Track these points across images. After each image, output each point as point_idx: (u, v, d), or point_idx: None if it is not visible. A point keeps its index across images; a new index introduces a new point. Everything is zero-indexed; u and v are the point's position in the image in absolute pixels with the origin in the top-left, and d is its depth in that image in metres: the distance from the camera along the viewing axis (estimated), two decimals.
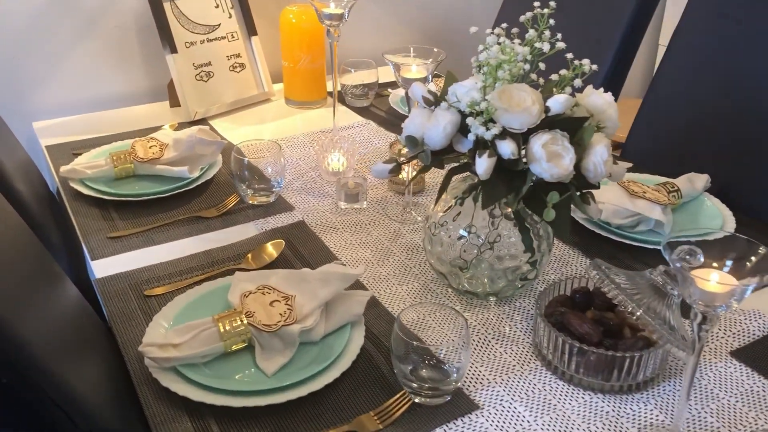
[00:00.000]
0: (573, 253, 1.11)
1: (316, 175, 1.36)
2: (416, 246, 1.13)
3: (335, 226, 1.18)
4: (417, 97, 0.95)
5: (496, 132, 0.82)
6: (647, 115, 1.47)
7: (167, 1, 1.54)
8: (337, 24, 1.30)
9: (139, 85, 1.70)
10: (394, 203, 1.26)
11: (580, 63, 0.89)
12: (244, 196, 1.24)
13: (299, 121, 1.62)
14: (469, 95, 0.87)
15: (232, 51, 1.65)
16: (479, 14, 2.14)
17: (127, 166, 1.28)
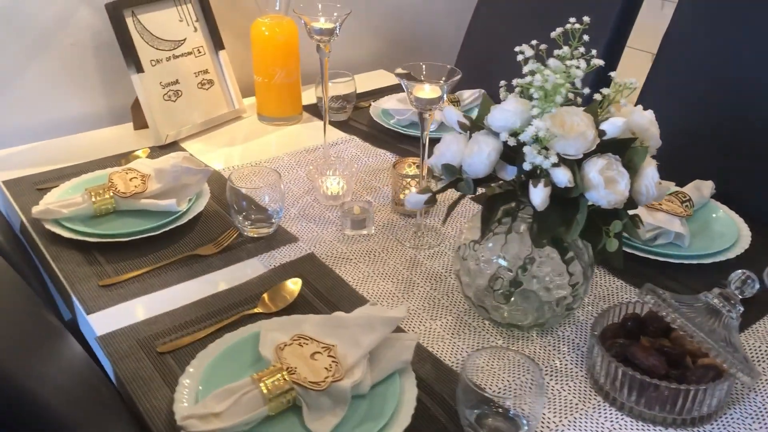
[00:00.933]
0: (599, 272, 1.08)
1: (312, 199, 1.28)
2: (438, 274, 1.07)
3: (347, 257, 1.11)
4: (451, 122, 0.89)
5: (555, 160, 0.77)
6: None
7: (129, 16, 1.42)
8: (327, 39, 1.23)
9: (99, 107, 1.56)
10: (402, 227, 1.19)
11: (623, 81, 0.85)
12: (243, 229, 1.15)
13: (276, 139, 1.53)
14: (514, 121, 0.82)
15: (200, 67, 1.54)
16: (446, 23, 2.10)
17: (106, 202, 1.16)
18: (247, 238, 1.15)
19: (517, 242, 0.90)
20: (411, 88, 1.04)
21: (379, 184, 1.34)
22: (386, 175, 1.36)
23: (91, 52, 1.51)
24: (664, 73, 1.43)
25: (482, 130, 0.87)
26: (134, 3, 1.42)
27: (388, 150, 1.46)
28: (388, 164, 1.41)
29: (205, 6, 1.54)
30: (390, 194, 1.29)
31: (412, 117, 1.53)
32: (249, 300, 1.00)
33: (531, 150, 0.77)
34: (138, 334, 0.93)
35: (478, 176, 0.84)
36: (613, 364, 0.82)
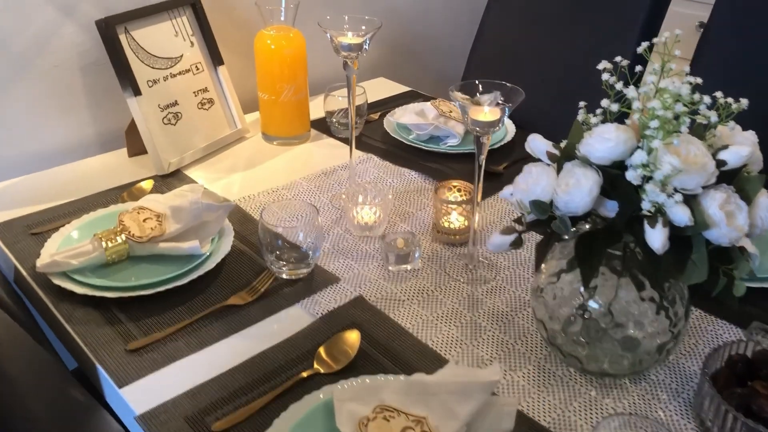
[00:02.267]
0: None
1: (343, 230, 1.16)
2: (503, 314, 0.97)
3: (398, 297, 1.00)
4: (539, 152, 0.79)
5: (680, 198, 0.68)
6: None
7: (122, 33, 1.28)
8: (355, 55, 1.11)
9: (88, 133, 1.41)
10: (449, 258, 1.09)
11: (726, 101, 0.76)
12: (277, 271, 1.03)
13: (286, 161, 1.40)
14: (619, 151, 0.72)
15: (199, 85, 1.41)
16: (447, 25, 2.00)
17: (120, 249, 1.03)
18: (283, 280, 1.03)
19: (612, 282, 0.81)
20: (468, 109, 0.94)
21: (411, 208, 1.23)
22: (417, 198, 1.26)
23: (77, 73, 1.36)
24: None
25: (573, 160, 0.77)
26: (127, 18, 1.28)
27: (412, 169, 1.35)
28: (415, 185, 1.30)
29: (201, 18, 1.41)
30: (429, 220, 1.19)
31: (433, 131, 1.43)
32: (303, 357, 0.88)
33: (653, 188, 0.68)
34: (184, 410, 0.81)
35: (576, 214, 0.75)
36: (739, 420, 0.73)
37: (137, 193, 1.24)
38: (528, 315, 0.97)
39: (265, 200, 1.24)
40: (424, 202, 1.25)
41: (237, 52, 1.56)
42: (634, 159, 0.68)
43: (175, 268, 1.02)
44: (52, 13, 1.29)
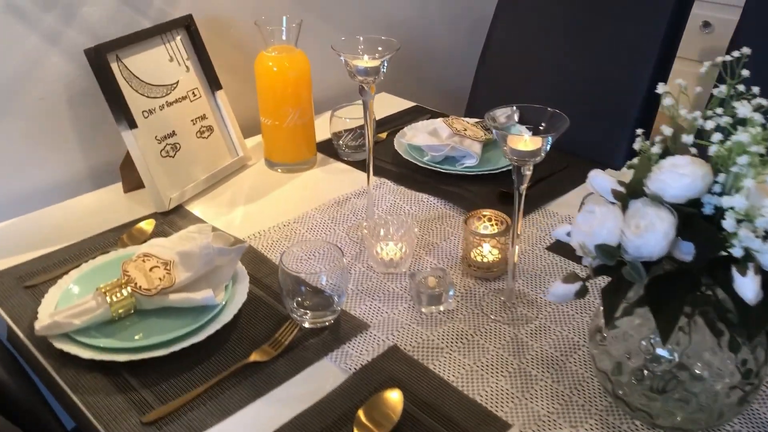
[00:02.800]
0: None
1: (365, 267, 1.08)
2: (553, 359, 0.89)
3: (435, 345, 0.92)
4: (603, 191, 0.71)
5: None
6: None
7: (114, 61, 1.18)
8: (372, 80, 1.03)
9: (78, 168, 1.31)
10: (484, 295, 1.01)
11: None
12: (301, 320, 0.94)
13: (293, 189, 1.31)
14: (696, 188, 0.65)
15: (196, 113, 1.31)
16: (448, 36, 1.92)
17: (126, 303, 0.93)
18: (307, 330, 0.94)
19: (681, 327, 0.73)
20: (505, 138, 0.86)
21: (435, 238, 1.15)
22: (440, 227, 1.17)
23: (65, 105, 1.26)
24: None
25: (641, 198, 0.69)
26: (118, 45, 1.18)
27: (429, 194, 1.27)
28: (435, 212, 1.22)
29: (196, 40, 1.31)
30: (455, 252, 1.10)
31: (449, 152, 1.34)
32: (340, 421, 0.80)
33: (748, 233, 0.60)
34: None
35: (650, 259, 0.67)
36: None
37: (138, 234, 1.14)
38: (581, 360, 0.89)
39: (276, 236, 1.15)
40: (448, 231, 1.16)
41: (233, 73, 1.47)
42: (728, 202, 0.60)
43: (188, 322, 0.93)
44: (36, 41, 1.19)
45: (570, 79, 1.49)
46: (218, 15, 1.42)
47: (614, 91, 1.42)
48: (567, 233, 0.75)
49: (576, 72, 1.48)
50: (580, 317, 0.96)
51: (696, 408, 0.74)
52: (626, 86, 1.40)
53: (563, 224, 1.15)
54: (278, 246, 1.13)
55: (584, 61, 1.47)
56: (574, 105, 1.48)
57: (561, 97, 1.50)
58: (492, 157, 1.37)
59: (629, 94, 1.40)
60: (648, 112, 1.40)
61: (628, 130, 1.42)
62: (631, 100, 1.40)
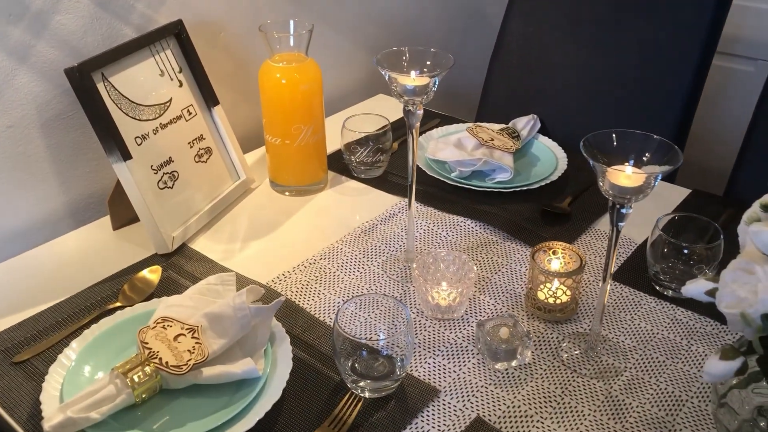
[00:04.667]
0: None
1: (415, 313, 0.94)
2: (657, 419, 0.78)
3: (523, 412, 0.79)
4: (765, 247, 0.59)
5: None
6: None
7: (100, 81, 1.00)
8: (420, 99, 0.88)
9: (55, 204, 1.12)
10: (557, 341, 0.89)
11: None
12: (357, 388, 0.80)
13: (308, 217, 1.16)
14: None
15: (193, 133, 1.14)
16: (446, 30, 1.78)
17: (151, 385, 0.77)
18: (368, 401, 0.80)
19: None
20: (604, 172, 0.73)
21: (486, 272, 1.02)
22: (486, 257, 1.04)
23: (37, 131, 1.07)
24: None
25: None
26: (103, 62, 1.00)
27: (465, 216, 1.13)
28: (477, 238, 1.09)
29: (189, 51, 1.13)
30: (511, 288, 0.98)
31: (481, 167, 1.21)
32: None
33: None
34: None
35: None
36: None
37: (142, 285, 0.98)
38: (691, 418, 0.78)
39: (304, 278, 1.00)
40: (497, 261, 1.04)
41: (226, 83, 1.30)
42: None
43: (226, 400, 0.78)
44: (1, 58, 1.00)
45: (597, 79, 1.37)
46: (207, 19, 1.24)
47: (648, 92, 1.31)
48: (706, 292, 0.63)
49: (604, 71, 1.36)
50: (673, 364, 0.85)
51: None
52: (662, 87, 1.29)
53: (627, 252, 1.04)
54: (308, 290, 0.98)
55: (612, 59, 1.35)
56: (604, 108, 1.38)
57: (587, 99, 1.38)
58: (522, 169, 1.25)
59: (666, 97, 1.29)
60: (687, 115, 1.29)
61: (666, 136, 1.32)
62: (668, 103, 1.29)
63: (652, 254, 0.96)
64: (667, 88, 1.28)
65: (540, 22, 1.43)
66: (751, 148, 1.17)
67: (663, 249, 0.95)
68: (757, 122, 1.22)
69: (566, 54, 1.40)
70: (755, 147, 1.21)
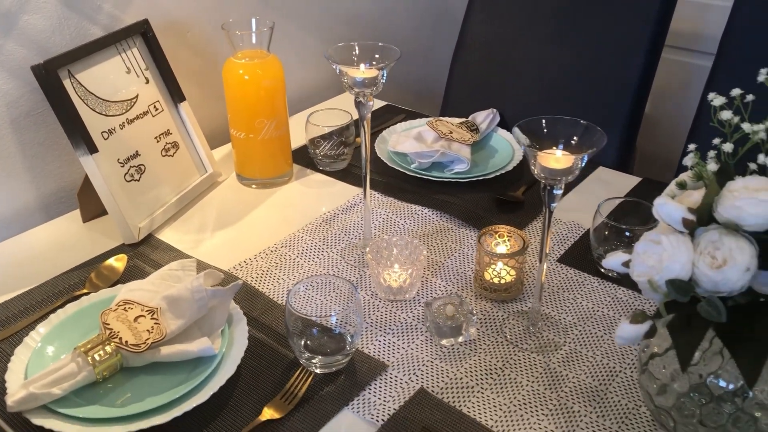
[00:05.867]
0: None
1: (369, 295, 0.99)
2: (592, 390, 0.82)
3: (465, 384, 0.84)
4: (673, 221, 0.64)
5: None
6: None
7: (66, 77, 1.04)
8: (370, 91, 0.93)
9: (26, 199, 1.16)
10: (504, 319, 0.93)
11: None
12: (309, 365, 0.85)
13: (274, 208, 1.20)
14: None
15: (160, 128, 1.18)
16: (414, 29, 1.83)
17: (112, 363, 0.82)
18: (321, 377, 0.85)
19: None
20: (535, 155, 0.78)
21: (439, 256, 1.06)
22: (441, 242, 1.09)
23: (7, 129, 1.11)
24: (726, 79, 1.25)
25: (713, 226, 0.63)
26: (69, 59, 1.04)
27: (423, 205, 1.18)
28: (432, 226, 1.13)
29: (155, 49, 1.18)
30: (462, 271, 1.03)
31: (439, 158, 1.26)
32: None
33: None
34: None
35: (731, 294, 0.61)
36: None
37: (108, 273, 1.02)
38: (622, 388, 0.83)
39: (265, 265, 1.04)
40: (451, 246, 1.08)
41: (194, 80, 1.34)
42: None
43: (184, 377, 0.82)
44: None
45: (553, 73, 1.42)
46: (174, 18, 1.29)
47: (601, 84, 1.36)
48: (623, 263, 0.68)
49: (559, 65, 1.41)
50: (610, 339, 0.90)
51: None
52: (614, 79, 1.34)
53: (574, 236, 1.09)
54: (268, 276, 1.02)
55: (568, 53, 1.40)
56: (559, 100, 1.43)
57: (544, 91, 1.44)
58: (480, 160, 1.30)
59: (617, 88, 1.34)
60: (637, 106, 1.35)
61: (618, 126, 1.38)
62: (619, 94, 1.34)
63: (596, 238, 1.01)
64: (619, 80, 1.34)
65: (499, 19, 1.48)
66: (695, 138, 1.21)
67: (605, 232, 1.00)
68: (701, 113, 1.27)
69: (525, 49, 1.45)
70: (699, 137, 1.26)
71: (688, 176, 0.71)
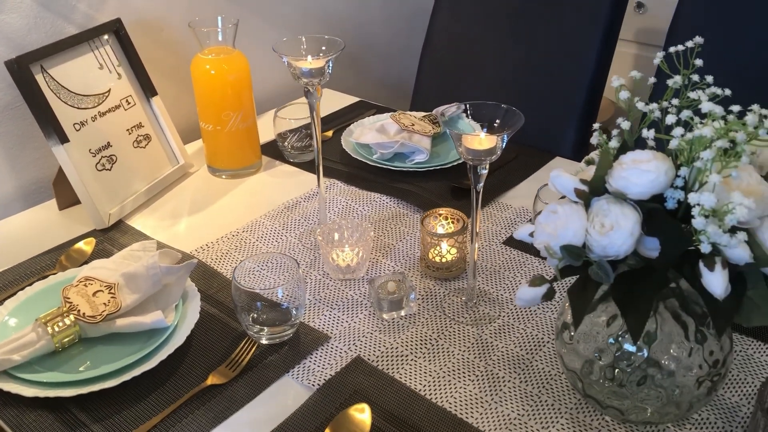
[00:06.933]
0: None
1: (321, 275, 1.04)
2: (520, 358, 0.88)
3: (400, 353, 0.89)
4: (566, 191, 0.69)
5: (744, 237, 0.60)
6: None
7: (38, 72, 1.11)
8: (317, 81, 0.99)
9: (7, 188, 1.23)
10: (445, 296, 0.99)
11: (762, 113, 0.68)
12: (257, 337, 0.90)
13: (240, 196, 1.26)
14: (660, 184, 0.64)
15: (132, 121, 1.25)
16: (386, 28, 1.89)
17: (70, 333, 0.88)
18: (265, 347, 0.90)
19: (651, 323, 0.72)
20: (460, 137, 0.83)
21: (391, 239, 1.12)
22: (395, 227, 1.15)
23: None
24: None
25: (604, 196, 0.68)
26: (42, 55, 1.11)
27: (381, 192, 1.24)
28: (389, 212, 1.19)
29: (127, 45, 1.24)
30: (413, 253, 1.08)
31: (399, 149, 1.32)
32: None
33: (716, 229, 0.59)
34: None
35: (617, 257, 0.66)
36: None
37: (77, 255, 1.08)
38: (547, 357, 0.88)
39: (226, 248, 1.10)
40: (404, 231, 1.14)
41: (168, 77, 1.40)
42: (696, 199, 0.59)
43: (138, 347, 0.88)
44: None
45: (513, 68, 1.48)
46: (148, 17, 1.35)
47: (558, 78, 1.41)
48: (530, 234, 0.74)
49: (519, 60, 1.47)
50: (543, 313, 0.95)
51: (666, 401, 0.73)
52: (570, 73, 1.40)
53: (522, 221, 1.14)
54: (228, 258, 1.08)
55: (527, 48, 1.46)
56: (519, 94, 1.48)
57: (505, 86, 1.49)
58: (441, 152, 1.35)
59: (573, 81, 1.39)
60: (593, 98, 1.40)
61: (574, 117, 1.43)
62: (575, 87, 1.39)
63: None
64: (573, 75, 1.39)
65: (462, 17, 1.54)
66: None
67: None
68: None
69: (486, 47, 1.51)
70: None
71: (596, 154, 0.76)
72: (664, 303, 0.72)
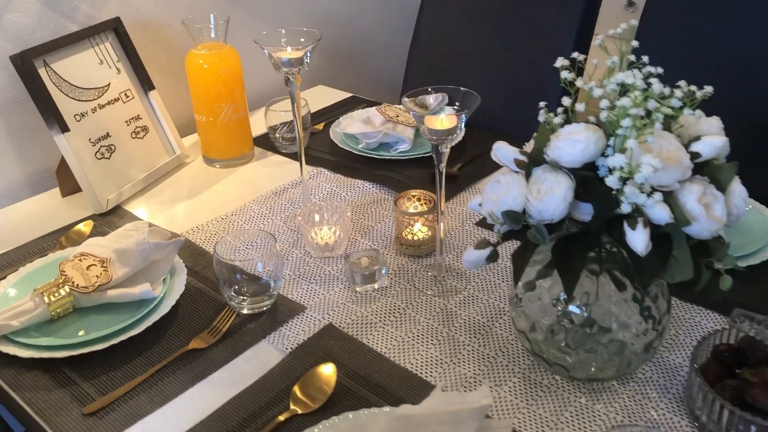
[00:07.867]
0: None
1: (303, 253, 1.11)
2: (480, 325, 0.94)
3: (369, 320, 0.95)
4: (506, 161, 0.75)
5: (660, 198, 0.65)
6: None
7: (41, 66, 1.19)
8: (297, 71, 1.06)
9: (15, 176, 1.32)
10: (416, 271, 1.05)
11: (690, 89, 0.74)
12: (238, 307, 0.97)
13: (232, 184, 1.34)
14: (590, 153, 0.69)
15: (130, 114, 1.32)
16: (382, 27, 1.95)
17: (64, 302, 0.95)
18: (245, 316, 0.97)
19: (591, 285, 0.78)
20: (423, 119, 0.90)
21: (371, 222, 1.18)
22: (375, 211, 1.21)
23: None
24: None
25: (543, 165, 0.74)
26: (45, 50, 1.19)
27: (365, 180, 1.30)
28: (371, 197, 1.26)
29: (126, 42, 1.32)
30: (390, 233, 1.14)
31: (382, 138, 1.38)
32: (278, 399, 0.83)
33: (633, 189, 0.65)
34: None
35: (552, 221, 0.72)
36: (735, 414, 0.72)
37: (76, 237, 1.16)
38: (506, 324, 0.94)
39: (215, 230, 1.18)
40: (383, 213, 1.20)
41: (167, 73, 1.48)
42: (611, 162, 0.65)
43: (127, 316, 0.95)
44: None
45: (496, 64, 1.54)
46: (147, 16, 1.43)
47: (537, 72, 1.47)
48: (479, 204, 0.80)
49: (501, 56, 1.53)
50: (506, 285, 1.01)
51: (606, 358, 0.79)
52: (547, 67, 1.45)
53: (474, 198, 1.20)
54: (216, 239, 1.15)
55: (507, 45, 1.52)
56: (502, 88, 1.54)
57: (489, 81, 1.55)
58: (424, 141, 1.41)
59: (550, 75, 1.45)
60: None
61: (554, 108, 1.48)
62: (553, 78, 1.45)
63: None
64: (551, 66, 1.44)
65: (447, 14, 1.60)
66: None
67: None
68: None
69: (470, 42, 1.57)
70: None
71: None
72: (604, 267, 0.78)
